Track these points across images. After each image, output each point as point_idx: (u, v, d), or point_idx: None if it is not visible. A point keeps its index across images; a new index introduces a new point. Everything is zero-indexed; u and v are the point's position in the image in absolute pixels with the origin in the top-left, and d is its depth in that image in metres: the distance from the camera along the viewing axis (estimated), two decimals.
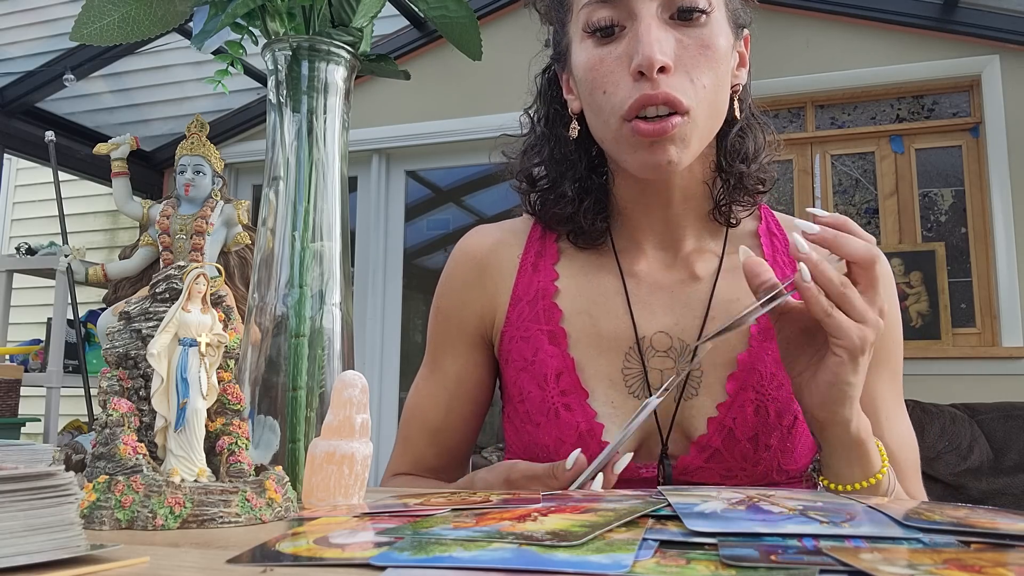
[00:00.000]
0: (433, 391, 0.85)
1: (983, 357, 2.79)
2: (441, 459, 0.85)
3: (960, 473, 2.42)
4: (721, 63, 0.73)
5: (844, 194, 3.13)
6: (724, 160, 0.79)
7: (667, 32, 0.71)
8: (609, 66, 0.72)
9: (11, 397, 2.74)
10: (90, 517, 0.43)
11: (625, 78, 0.71)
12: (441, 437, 0.85)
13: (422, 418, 0.85)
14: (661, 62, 0.68)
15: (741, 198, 0.80)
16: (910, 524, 0.38)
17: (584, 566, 0.31)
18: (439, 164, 3.78)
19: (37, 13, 3.17)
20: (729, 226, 0.82)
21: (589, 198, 0.81)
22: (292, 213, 0.65)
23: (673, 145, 0.71)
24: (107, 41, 0.69)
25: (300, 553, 0.35)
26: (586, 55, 0.74)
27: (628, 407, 0.75)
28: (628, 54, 0.71)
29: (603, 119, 0.74)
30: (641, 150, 0.71)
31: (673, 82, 0.70)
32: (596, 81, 0.73)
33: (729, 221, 0.81)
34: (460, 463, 0.88)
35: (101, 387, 0.49)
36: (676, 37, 0.71)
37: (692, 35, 0.71)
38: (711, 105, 0.72)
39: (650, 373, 0.76)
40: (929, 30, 2.97)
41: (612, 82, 0.72)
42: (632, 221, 0.82)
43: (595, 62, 0.73)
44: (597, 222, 0.82)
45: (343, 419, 0.52)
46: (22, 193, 4.55)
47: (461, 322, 0.84)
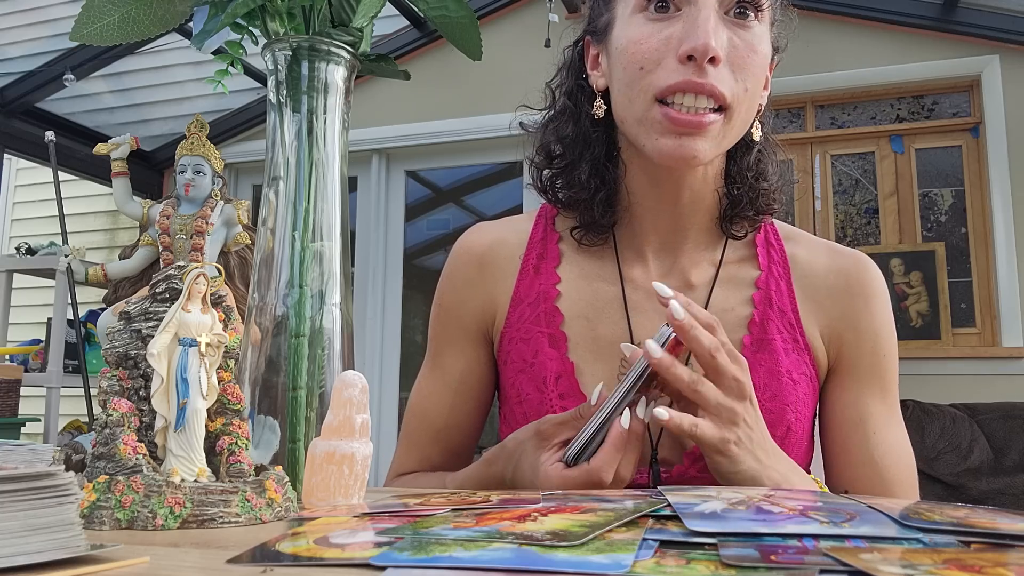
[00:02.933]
0: (436, 389, 0.85)
1: (983, 357, 2.79)
2: (445, 457, 0.85)
3: (960, 473, 2.42)
4: (763, 69, 0.73)
5: (844, 194, 3.13)
6: (739, 175, 0.79)
7: (722, 27, 0.71)
8: (654, 44, 0.71)
9: (11, 397, 2.74)
10: (90, 517, 0.43)
11: (668, 59, 0.70)
12: (445, 435, 0.84)
13: (425, 417, 0.85)
14: (715, 51, 0.68)
15: (753, 215, 0.80)
16: (910, 524, 0.38)
17: (584, 566, 0.31)
18: (439, 164, 3.78)
19: (37, 13, 3.17)
20: (732, 238, 0.81)
21: (603, 190, 0.80)
22: (292, 213, 0.65)
23: (704, 141, 0.70)
24: (107, 41, 0.69)
25: (300, 553, 0.35)
26: (635, 29, 0.73)
27: None
28: (679, 37, 0.70)
29: (631, 96, 0.73)
30: (668, 137, 0.70)
31: (721, 75, 0.69)
32: (636, 55, 0.72)
33: (733, 234, 0.80)
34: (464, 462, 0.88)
35: (101, 387, 0.49)
36: (728, 35, 0.71)
37: (744, 36, 0.71)
38: (747, 109, 0.73)
39: None
40: (929, 30, 2.97)
41: (653, 60, 0.71)
42: (638, 219, 0.81)
43: (642, 37, 0.72)
44: (607, 216, 0.81)
45: (343, 419, 0.52)
46: (22, 193, 4.55)
47: (462, 319, 0.84)
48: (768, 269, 0.80)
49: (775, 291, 0.78)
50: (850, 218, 3.11)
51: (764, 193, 0.79)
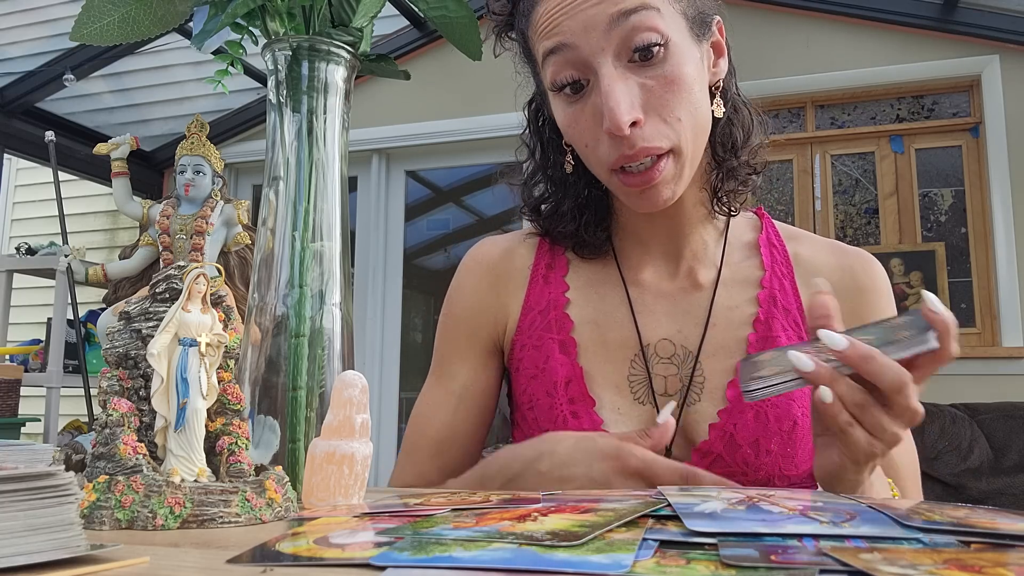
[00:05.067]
0: (440, 399, 0.84)
1: (983, 357, 2.79)
2: (442, 476, 0.84)
3: (960, 473, 2.42)
4: (692, 90, 0.70)
5: (844, 194, 3.13)
6: (716, 155, 0.79)
7: (629, 81, 0.68)
8: (584, 124, 0.71)
9: (11, 397, 2.74)
10: (90, 517, 0.43)
11: (602, 134, 0.70)
12: (445, 447, 0.83)
13: (427, 428, 0.84)
14: (628, 121, 0.67)
15: (736, 186, 0.80)
16: (910, 524, 0.38)
17: (584, 566, 0.31)
18: (439, 164, 3.78)
19: (37, 13, 3.17)
20: (729, 216, 0.82)
21: (588, 211, 0.82)
22: (292, 213, 0.65)
23: (665, 187, 0.71)
24: (107, 41, 0.69)
25: (300, 553, 0.35)
26: (561, 112, 0.74)
27: (634, 413, 0.76)
28: (599, 110, 0.69)
29: (592, 167, 0.75)
30: (634, 196, 0.72)
31: (648, 131, 0.68)
32: (576, 137, 0.73)
33: (730, 211, 0.81)
34: None
35: (101, 387, 0.49)
36: (640, 82, 0.68)
37: (655, 75, 0.69)
38: (693, 130, 0.71)
39: (654, 379, 0.77)
40: (929, 30, 2.97)
41: (591, 138, 0.71)
42: (634, 232, 0.83)
43: (571, 120, 0.73)
44: (598, 233, 0.83)
45: (343, 419, 0.52)
46: (22, 193, 4.55)
47: (473, 327, 0.85)
48: (772, 269, 0.80)
49: (779, 290, 0.79)
50: (850, 218, 3.11)
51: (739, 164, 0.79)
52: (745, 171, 0.80)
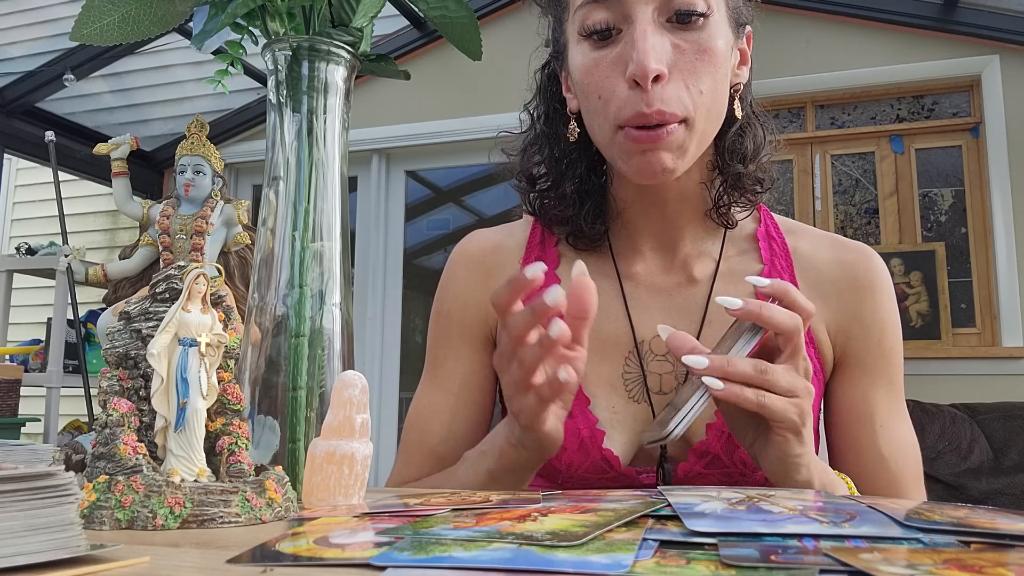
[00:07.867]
0: (436, 398, 0.83)
1: (983, 357, 2.79)
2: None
3: (960, 473, 2.42)
4: (720, 66, 0.71)
5: (844, 194, 3.13)
6: (722, 160, 0.78)
7: (663, 36, 0.69)
8: (604, 71, 0.71)
9: (11, 397, 2.74)
10: (90, 517, 0.43)
11: (620, 84, 0.69)
12: (443, 449, 0.81)
13: (424, 429, 0.82)
14: (656, 71, 0.66)
15: (739, 198, 0.79)
16: (910, 524, 0.38)
17: (584, 566, 0.31)
18: (439, 164, 3.78)
19: (37, 13, 3.17)
20: (727, 228, 0.81)
21: (590, 201, 0.80)
22: (292, 213, 0.65)
23: (669, 152, 0.69)
24: (107, 41, 0.69)
25: (300, 553, 0.35)
26: (582, 58, 0.73)
27: (628, 412, 0.75)
28: (624, 59, 0.69)
29: (598, 124, 0.73)
30: (636, 156, 0.70)
31: (668, 91, 0.68)
32: (591, 86, 0.72)
33: (727, 223, 0.80)
34: None
35: (101, 387, 0.49)
36: (673, 41, 0.69)
37: (690, 39, 0.69)
38: (709, 110, 0.71)
39: (649, 377, 0.76)
40: (929, 30, 2.97)
41: (607, 88, 0.70)
42: (630, 223, 0.81)
43: (590, 66, 0.72)
44: (596, 224, 0.81)
45: (343, 419, 0.52)
46: (22, 193, 4.55)
47: (464, 322, 0.83)
48: (771, 263, 0.79)
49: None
50: (850, 218, 3.11)
51: (745, 175, 0.78)
52: (751, 182, 0.78)
